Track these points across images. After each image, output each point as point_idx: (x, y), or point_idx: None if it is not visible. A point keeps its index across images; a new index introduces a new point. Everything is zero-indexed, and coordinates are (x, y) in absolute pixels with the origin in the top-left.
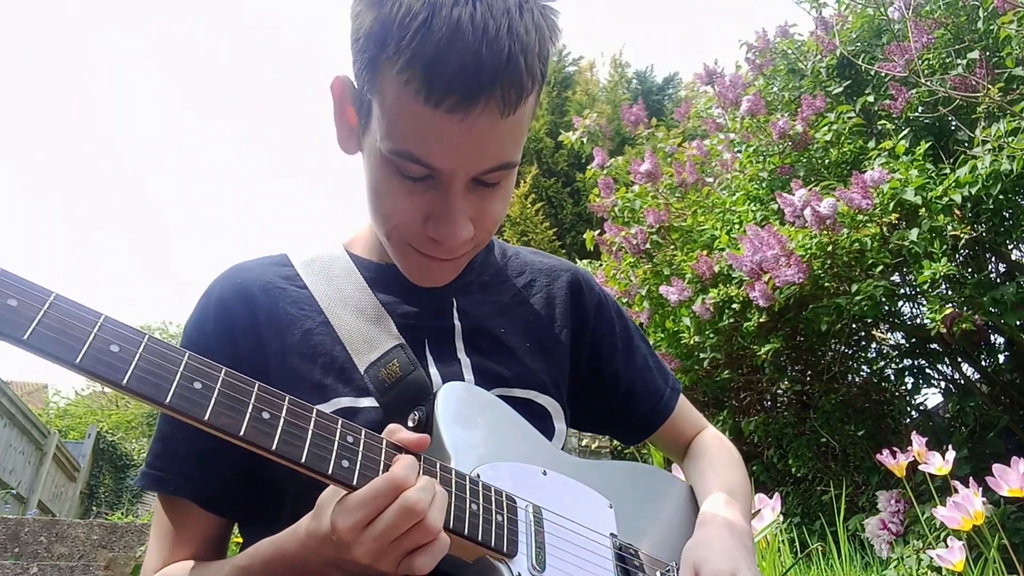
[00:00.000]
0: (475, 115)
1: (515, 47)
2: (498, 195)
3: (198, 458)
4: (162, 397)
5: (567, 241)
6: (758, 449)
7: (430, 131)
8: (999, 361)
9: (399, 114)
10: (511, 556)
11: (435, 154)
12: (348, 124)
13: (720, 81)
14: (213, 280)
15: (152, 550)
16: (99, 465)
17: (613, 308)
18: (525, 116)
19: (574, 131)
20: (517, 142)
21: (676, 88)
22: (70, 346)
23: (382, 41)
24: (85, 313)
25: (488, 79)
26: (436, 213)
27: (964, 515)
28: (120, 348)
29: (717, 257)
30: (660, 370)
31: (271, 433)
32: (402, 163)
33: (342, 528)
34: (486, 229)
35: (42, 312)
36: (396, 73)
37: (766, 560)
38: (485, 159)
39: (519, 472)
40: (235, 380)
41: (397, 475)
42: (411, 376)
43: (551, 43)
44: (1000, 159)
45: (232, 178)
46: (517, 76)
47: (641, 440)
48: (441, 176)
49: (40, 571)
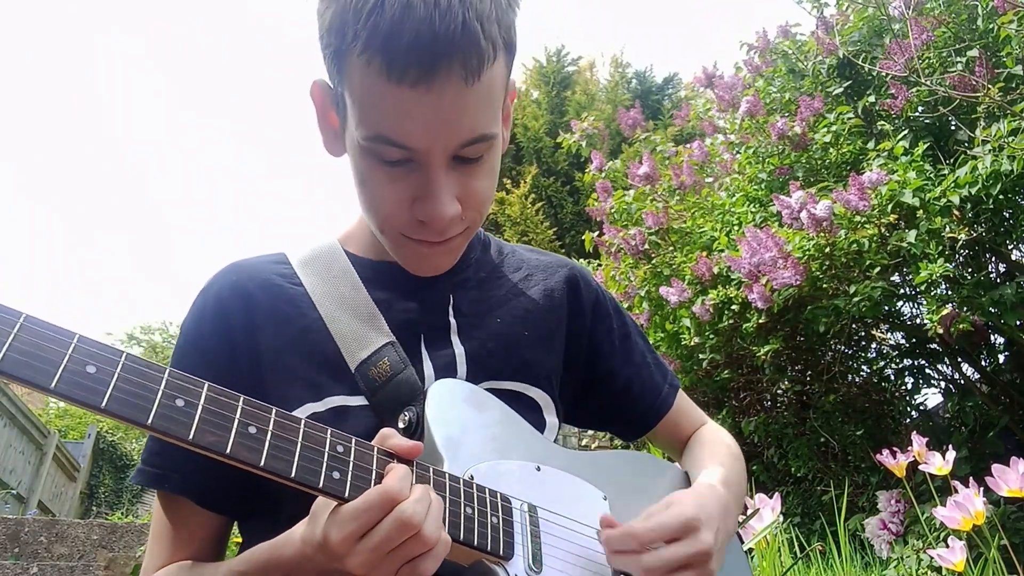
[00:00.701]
0: (439, 86)
1: (469, 14)
2: (482, 171)
3: (195, 456)
4: (143, 418)
5: (567, 241)
6: (758, 449)
7: (398, 109)
8: (999, 361)
9: (367, 98)
10: (507, 559)
11: (408, 133)
12: (331, 127)
13: (719, 83)
14: (211, 277)
15: (151, 550)
16: (99, 465)
17: (611, 304)
18: (495, 85)
19: (571, 133)
20: (491, 112)
21: (676, 88)
22: (43, 370)
23: (342, 31)
24: (57, 334)
25: (444, 47)
26: (420, 194)
27: (964, 515)
28: (97, 368)
29: (716, 258)
30: (658, 366)
31: (259, 448)
32: (379, 148)
33: (334, 540)
34: (474, 207)
35: (12, 336)
36: (357, 57)
37: (766, 560)
38: (459, 132)
39: (513, 470)
40: (219, 395)
41: (391, 487)
42: (401, 375)
43: (510, 10)
44: (1000, 159)
45: (232, 178)
46: (475, 41)
47: (640, 436)
48: (419, 155)
49: (40, 571)
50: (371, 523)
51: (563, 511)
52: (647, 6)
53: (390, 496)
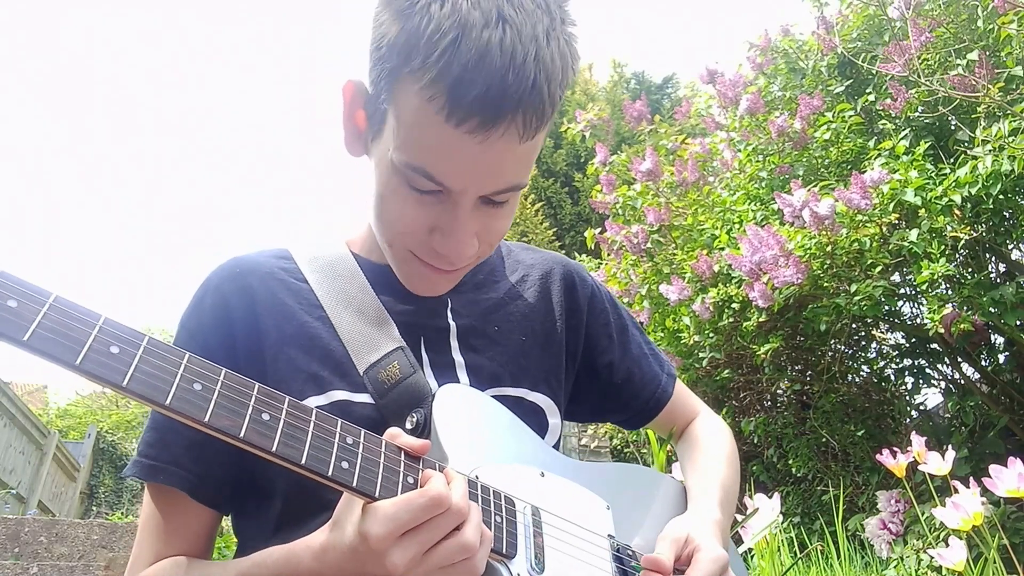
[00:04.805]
0: (494, 138)
1: (540, 75)
2: (504, 212)
3: (190, 448)
4: (162, 399)
5: (567, 241)
6: (758, 449)
7: (447, 150)
8: (999, 361)
9: (417, 129)
10: (510, 557)
11: (449, 173)
12: (356, 127)
13: (721, 80)
14: (211, 271)
15: (140, 543)
16: (99, 465)
17: (606, 298)
18: (540, 141)
19: (576, 123)
20: (529, 166)
21: (674, 88)
22: (70, 347)
23: (406, 54)
24: (85, 315)
25: (511, 104)
26: (443, 227)
27: (964, 515)
28: (120, 349)
29: (717, 256)
30: (655, 356)
31: (271, 435)
32: (413, 176)
33: (377, 535)
34: (489, 243)
35: (42, 313)
36: (419, 88)
37: (765, 560)
38: (497, 181)
39: (517, 474)
40: (235, 382)
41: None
42: (411, 379)
43: (572, 72)
44: (1000, 159)
45: (235, 181)
46: (539, 103)
47: (642, 426)
48: (451, 194)
49: (40, 571)
50: (416, 521)
51: (567, 516)
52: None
53: (435, 496)
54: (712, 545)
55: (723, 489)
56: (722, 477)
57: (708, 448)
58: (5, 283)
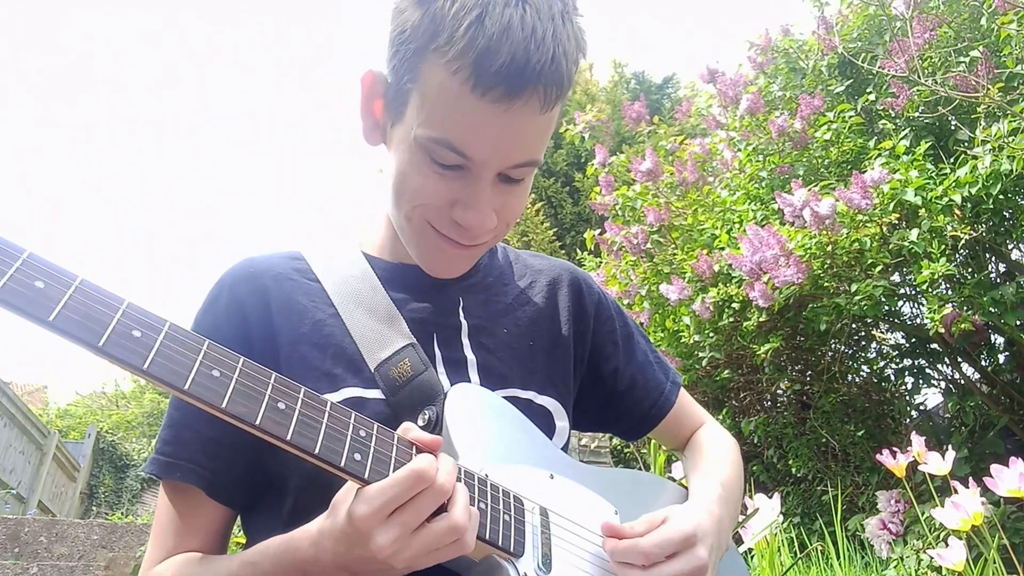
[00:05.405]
0: (517, 107)
1: (558, 49)
2: (520, 191)
3: (206, 445)
4: (181, 383)
5: (567, 241)
6: (758, 449)
7: (472, 120)
8: (999, 361)
9: (442, 102)
10: (517, 556)
11: (473, 143)
12: (374, 117)
13: (721, 79)
14: (225, 271)
15: (155, 540)
16: (99, 465)
17: (612, 306)
18: (555, 117)
19: (575, 125)
20: (544, 142)
21: (674, 88)
22: (93, 330)
23: (432, 33)
24: (109, 298)
25: (533, 74)
26: (464, 200)
27: (964, 515)
28: (142, 334)
29: (717, 256)
30: (660, 364)
31: (286, 424)
32: (437, 150)
33: (361, 515)
34: (506, 222)
35: (68, 295)
36: (445, 62)
37: (765, 560)
38: (518, 153)
39: (526, 475)
40: (252, 370)
41: (419, 464)
42: (422, 376)
43: (583, 56)
44: (1000, 159)
45: (241, 182)
46: (559, 75)
47: (643, 435)
48: (473, 165)
49: (40, 571)
50: (401, 498)
51: (575, 519)
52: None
53: (419, 470)
54: (683, 522)
55: (723, 487)
56: (723, 477)
57: (711, 453)
58: (34, 264)
